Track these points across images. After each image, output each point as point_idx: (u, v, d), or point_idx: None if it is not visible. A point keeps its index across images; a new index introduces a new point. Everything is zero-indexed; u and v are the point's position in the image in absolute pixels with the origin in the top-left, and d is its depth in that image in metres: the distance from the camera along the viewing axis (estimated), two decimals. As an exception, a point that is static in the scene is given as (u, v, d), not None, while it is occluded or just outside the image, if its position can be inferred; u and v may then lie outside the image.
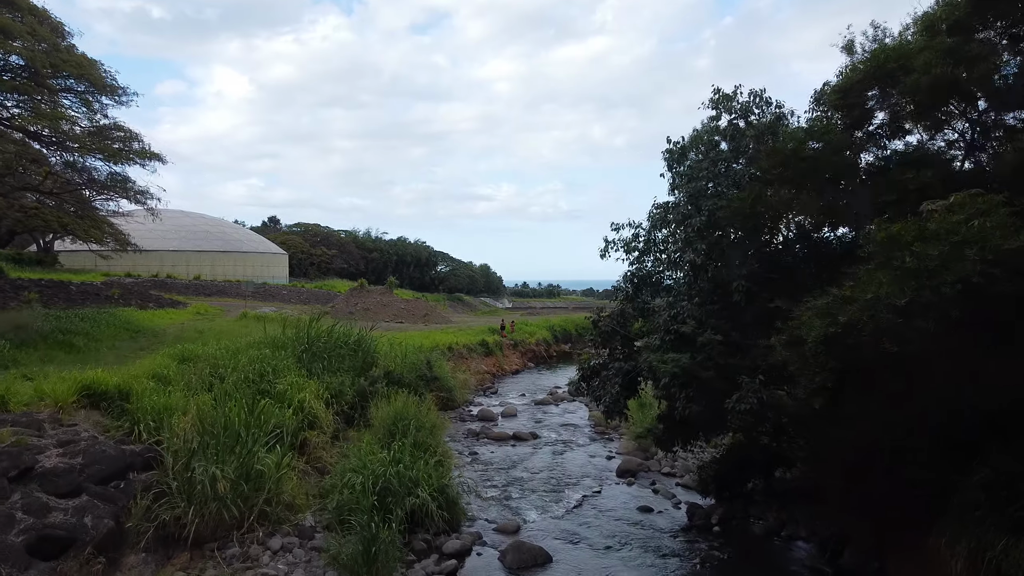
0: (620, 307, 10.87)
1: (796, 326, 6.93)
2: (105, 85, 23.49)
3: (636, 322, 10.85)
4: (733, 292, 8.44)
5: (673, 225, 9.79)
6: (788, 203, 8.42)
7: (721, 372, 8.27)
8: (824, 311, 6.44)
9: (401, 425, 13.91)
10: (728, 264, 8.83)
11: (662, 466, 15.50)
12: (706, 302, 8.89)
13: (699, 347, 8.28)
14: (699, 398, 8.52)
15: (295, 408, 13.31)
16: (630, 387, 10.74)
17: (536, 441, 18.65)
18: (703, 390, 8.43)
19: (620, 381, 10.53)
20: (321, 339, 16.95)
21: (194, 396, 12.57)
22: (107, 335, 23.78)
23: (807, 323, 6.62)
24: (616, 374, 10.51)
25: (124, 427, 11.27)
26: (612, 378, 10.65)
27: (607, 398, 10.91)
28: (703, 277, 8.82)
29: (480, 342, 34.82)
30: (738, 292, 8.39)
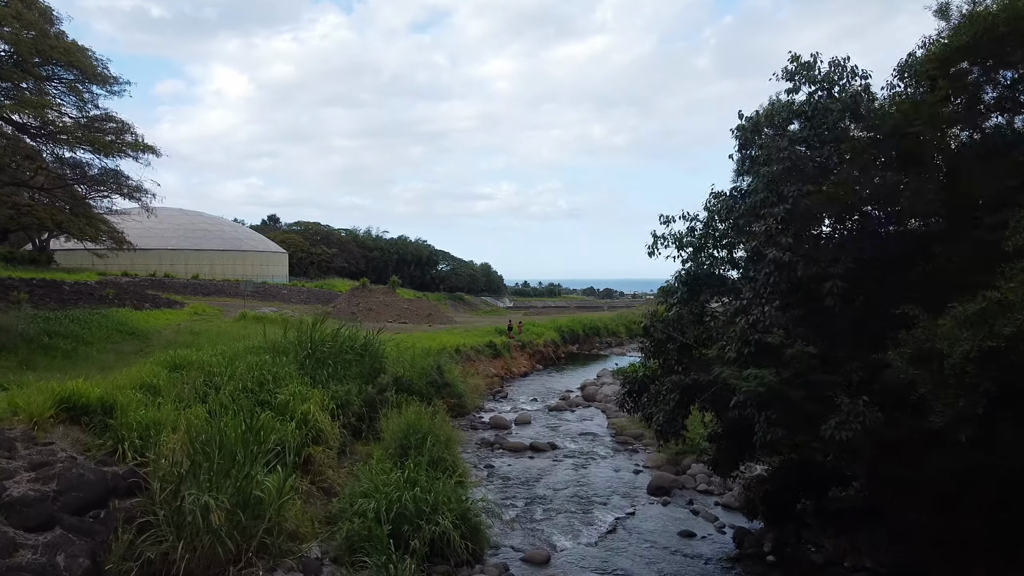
0: (676, 312, 9.55)
1: (926, 337, 5.73)
2: (96, 73, 22.24)
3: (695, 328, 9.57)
4: (826, 295, 7.20)
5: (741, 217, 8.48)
6: (894, 189, 7.20)
7: (813, 391, 7.06)
8: (977, 319, 5.21)
9: (414, 439, 12.68)
10: (818, 261, 7.58)
11: (697, 483, 14.27)
12: (789, 306, 7.65)
13: (786, 361, 7.06)
14: (783, 421, 7.28)
15: (298, 421, 12.07)
16: (689, 404, 9.42)
17: (555, 452, 17.42)
18: (789, 412, 7.20)
19: (677, 397, 9.26)
20: (325, 343, 15.70)
21: (186, 409, 11.34)
22: (98, 337, 22.53)
23: (948, 335, 5.41)
24: (672, 389, 9.22)
25: (106, 445, 10.02)
26: (667, 393, 9.37)
27: (660, 416, 9.62)
28: (784, 277, 7.58)
29: (487, 343, 33.60)
30: (832, 295, 7.16)
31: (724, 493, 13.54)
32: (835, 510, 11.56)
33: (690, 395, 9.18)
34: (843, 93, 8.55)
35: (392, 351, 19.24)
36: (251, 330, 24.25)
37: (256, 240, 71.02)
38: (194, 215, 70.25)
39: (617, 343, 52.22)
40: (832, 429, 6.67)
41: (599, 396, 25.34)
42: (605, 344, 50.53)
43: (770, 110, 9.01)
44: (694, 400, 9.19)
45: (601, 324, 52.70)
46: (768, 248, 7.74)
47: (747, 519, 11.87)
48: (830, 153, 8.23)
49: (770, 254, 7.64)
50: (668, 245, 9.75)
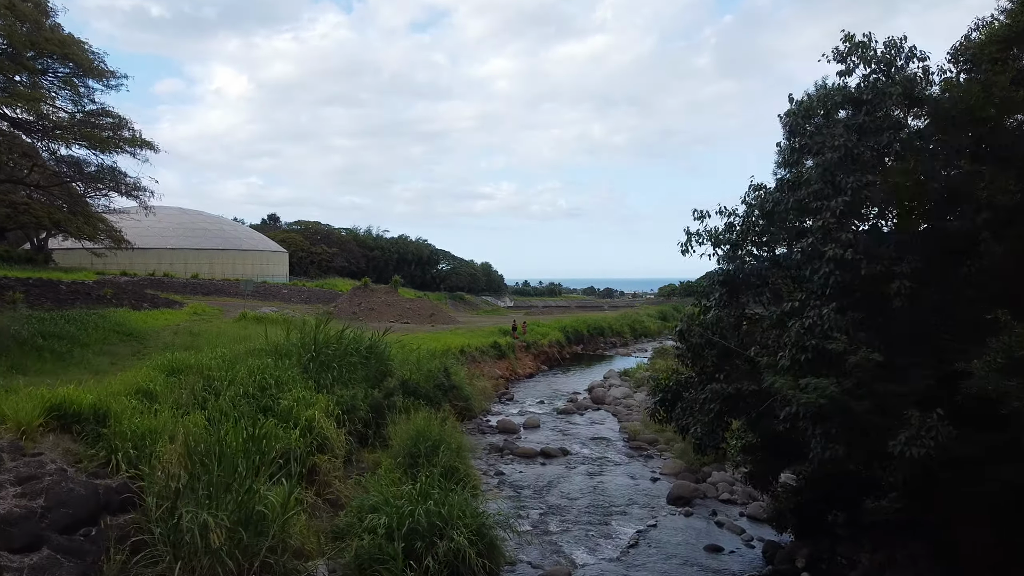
0: (714, 315, 8.87)
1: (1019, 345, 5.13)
2: (92, 67, 21.59)
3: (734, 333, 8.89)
4: (893, 296, 6.56)
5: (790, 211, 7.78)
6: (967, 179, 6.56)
7: (878, 403, 6.43)
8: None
9: (424, 447, 12.07)
10: (880, 259, 6.93)
11: (719, 492, 13.65)
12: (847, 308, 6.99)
13: (848, 370, 6.43)
14: (843, 436, 6.64)
15: (302, 428, 11.45)
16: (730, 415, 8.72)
17: (567, 458, 16.80)
18: (849, 426, 6.56)
19: (717, 408, 8.59)
20: (330, 346, 15.07)
21: (184, 416, 10.72)
22: (94, 339, 21.92)
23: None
24: (712, 399, 8.54)
25: (99, 456, 9.42)
26: (706, 403, 8.68)
27: (698, 428, 8.95)
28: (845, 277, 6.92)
29: (492, 344, 32.98)
30: (899, 296, 6.53)
31: (748, 503, 12.92)
32: (869, 522, 10.92)
33: (731, 405, 8.50)
34: (898, 76, 7.90)
35: (397, 353, 18.64)
36: (251, 331, 23.66)
37: (256, 239, 70.43)
38: (194, 214, 69.66)
39: (622, 343, 51.63)
40: (902, 446, 6.05)
41: (608, 399, 24.73)
42: (610, 344, 49.92)
43: (821, 94, 8.35)
44: (736, 411, 8.52)
45: (605, 324, 52.08)
46: (826, 245, 7.09)
47: (776, 532, 11.25)
48: (890, 140, 7.60)
49: (829, 251, 7.00)
50: (703, 242, 9.12)
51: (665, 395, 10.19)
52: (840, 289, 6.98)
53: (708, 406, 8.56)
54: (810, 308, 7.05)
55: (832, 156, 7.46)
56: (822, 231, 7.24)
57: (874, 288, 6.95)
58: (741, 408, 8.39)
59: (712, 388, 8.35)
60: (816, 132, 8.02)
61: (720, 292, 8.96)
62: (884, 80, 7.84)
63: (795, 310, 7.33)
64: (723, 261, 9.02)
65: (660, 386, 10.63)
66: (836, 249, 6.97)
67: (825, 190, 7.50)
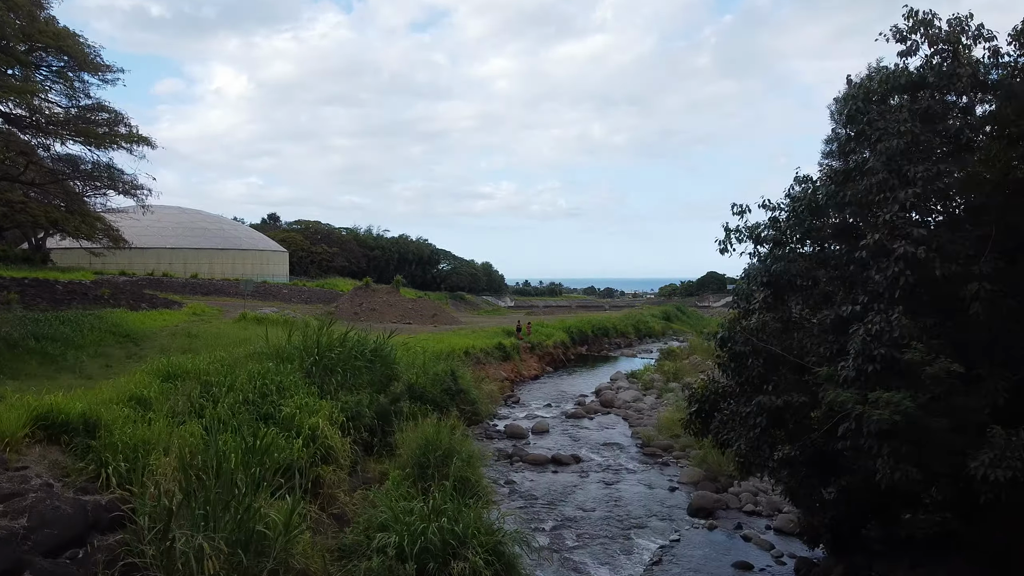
0: (759, 319, 8.21)
1: None
2: (87, 61, 20.99)
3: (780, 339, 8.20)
4: (970, 300, 5.92)
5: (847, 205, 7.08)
6: None
7: (956, 419, 5.80)
8: None
9: (434, 456, 11.45)
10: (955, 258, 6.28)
11: (742, 502, 13.01)
12: (917, 313, 6.32)
13: (923, 382, 5.77)
14: (916, 456, 5.98)
15: (305, 438, 10.83)
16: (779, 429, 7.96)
17: (579, 466, 16.17)
18: (924, 445, 5.91)
19: (764, 422, 7.90)
20: (334, 349, 14.42)
21: (179, 426, 10.09)
22: (90, 341, 21.28)
23: None
24: (758, 412, 7.84)
25: (88, 470, 8.79)
26: (750, 417, 7.99)
27: (742, 444, 8.23)
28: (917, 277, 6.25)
29: (496, 345, 32.34)
30: (978, 299, 5.89)
31: (775, 515, 12.29)
32: (906, 536, 10.29)
33: (779, 420, 7.81)
34: (965, 57, 7.25)
35: (403, 356, 18.02)
36: (251, 332, 23.05)
37: (256, 239, 69.84)
38: (193, 213, 69.06)
39: (626, 344, 51.01)
40: (985, 468, 5.44)
41: (618, 402, 24.10)
42: (614, 345, 49.28)
43: (883, 76, 7.68)
44: (784, 425, 7.82)
45: (610, 324, 51.43)
46: (895, 241, 6.44)
47: (807, 547, 10.61)
48: (960, 127, 6.96)
49: (899, 249, 6.34)
50: (743, 239, 8.47)
51: (702, 405, 9.47)
52: (910, 291, 6.32)
53: (753, 420, 7.86)
54: (875, 312, 6.40)
55: (898, 143, 6.80)
56: (888, 226, 6.58)
57: (948, 290, 6.30)
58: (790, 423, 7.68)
59: (759, 401, 7.63)
60: (878, 117, 7.34)
61: (764, 294, 8.27)
62: (950, 62, 7.19)
63: (855, 314, 6.68)
64: (766, 260, 8.35)
65: (696, 396, 9.92)
66: (907, 246, 6.31)
67: (890, 180, 6.82)
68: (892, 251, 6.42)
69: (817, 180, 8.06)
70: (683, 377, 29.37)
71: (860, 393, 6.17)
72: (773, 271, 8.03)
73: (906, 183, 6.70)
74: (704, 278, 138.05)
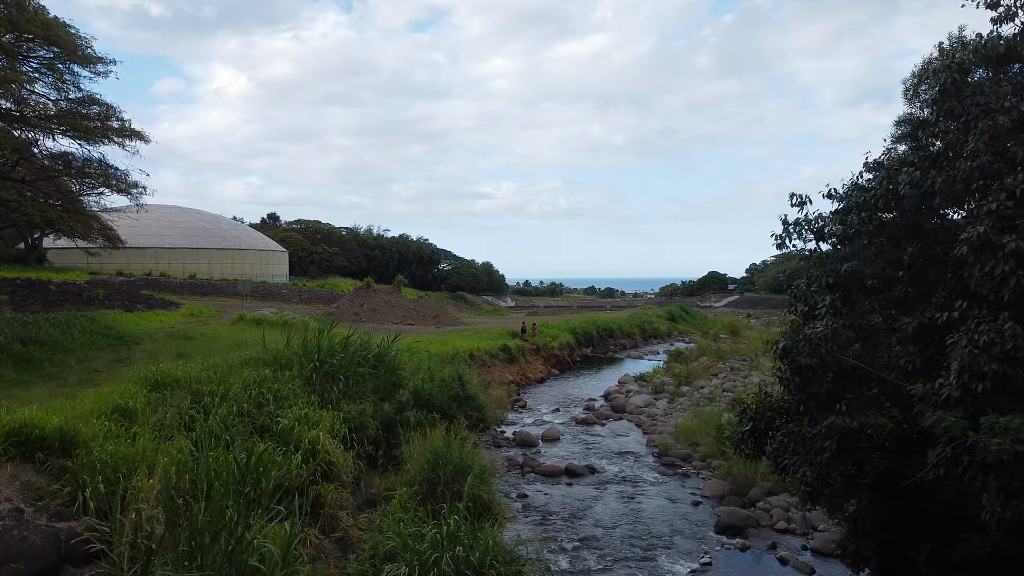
0: (828, 327, 7.42)
1: None
2: (78, 52, 20.11)
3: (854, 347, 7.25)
4: None
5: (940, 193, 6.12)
6: None
7: None
8: None
9: (443, 472, 10.58)
10: None
11: (774, 519, 12.13)
12: None
13: None
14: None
15: (304, 452, 9.95)
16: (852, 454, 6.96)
17: (595, 477, 15.29)
18: None
19: (835, 446, 6.93)
20: (335, 354, 13.53)
21: (166, 441, 9.22)
22: (80, 344, 20.40)
23: None
24: (827, 435, 6.88)
25: (63, 492, 7.93)
26: (816, 440, 7.01)
27: (807, 471, 7.22)
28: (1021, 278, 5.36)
29: (501, 347, 31.45)
30: None
31: (811, 533, 11.42)
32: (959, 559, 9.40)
33: (853, 443, 6.84)
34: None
35: (407, 360, 17.14)
36: (250, 334, 22.21)
37: (255, 238, 68.98)
38: (192, 213, 68.22)
39: (632, 345, 50.11)
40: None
41: (629, 407, 23.21)
42: (619, 346, 48.37)
43: (978, 44, 6.75)
44: (857, 449, 6.86)
45: (615, 325, 50.48)
46: (1003, 236, 5.51)
47: (851, 570, 9.72)
48: None
49: (1009, 244, 5.43)
50: (804, 234, 7.57)
51: (756, 424, 8.49)
52: (1021, 294, 5.41)
53: (821, 443, 6.90)
54: (979, 320, 5.50)
55: (1004, 121, 5.90)
56: (994, 217, 5.66)
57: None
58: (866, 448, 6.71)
59: (830, 422, 6.65)
60: (977, 91, 6.45)
61: (831, 298, 7.32)
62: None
63: (951, 322, 5.78)
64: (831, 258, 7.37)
65: (747, 413, 8.93)
66: (1019, 241, 5.39)
67: (995, 164, 5.93)
68: (1000, 246, 5.52)
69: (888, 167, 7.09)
70: (695, 380, 28.51)
71: (967, 417, 5.28)
72: (844, 271, 7.08)
73: (1014, 167, 5.79)
74: (705, 278, 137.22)
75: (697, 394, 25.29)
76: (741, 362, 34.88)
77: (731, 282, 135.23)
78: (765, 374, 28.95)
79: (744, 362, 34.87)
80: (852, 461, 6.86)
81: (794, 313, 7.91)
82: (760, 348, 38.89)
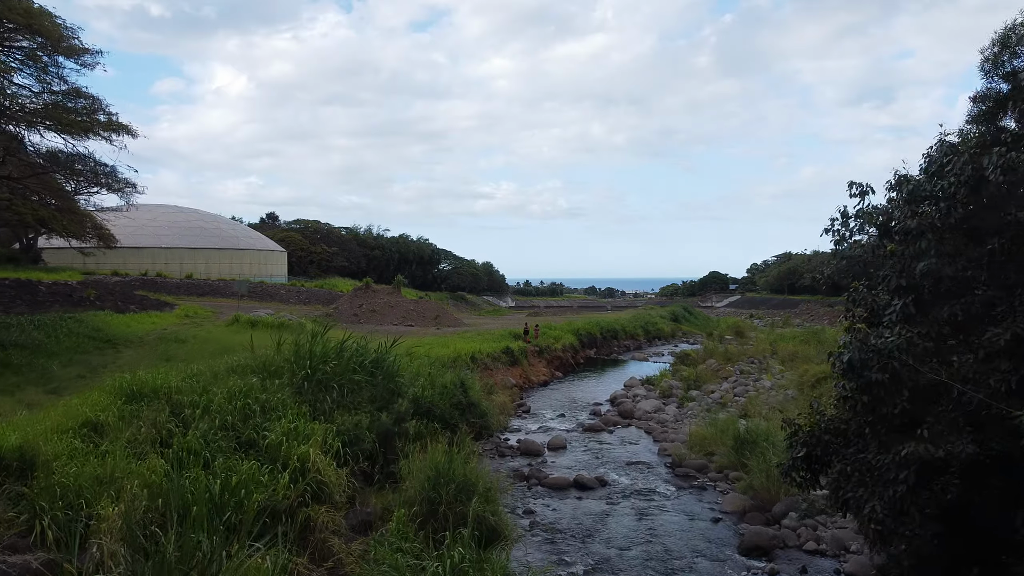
0: (900, 337, 5.94)
1: None
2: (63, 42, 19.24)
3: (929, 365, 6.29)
4: None
5: None
6: None
7: None
8: None
9: (445, 491, 9.70)
10: None
11: (801, 539, 11.24)
12: None
13: None
14: None
15: (293, 471, 9.08)
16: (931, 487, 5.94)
17: (605, 491, 14.40)
18: None
19: (913, 479, 5.97)
20: (329, 361, 12.65)
21: (140, 460, 8.35)
22: (64, 347, 19.55)
23: None
24: (903, 465, 5.90)
25: (20, 521, 7.07)
26: (889, 471, 6.02)
27: (876, 506, 6.17)
28: None
29: (504, 349, 30.56)
30: None
31: (843, 555, 10.53)
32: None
33: (933, 474, 5.88)
34: None
35: (407, 365, 16.28)
36: (244, 336, 21.41)
37: (254, 238, 68.19)
38: (190, 212, 67.46)
39: (635, 346, 49.22)
40: None
41: (638, 413, 22.32)
42: (623, 348, 47.47)
43: None
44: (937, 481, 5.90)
45: (619, 326, 49.56)
46: None
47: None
48: None
49: None
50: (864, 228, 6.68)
51: (811, 450, 7.47)
52: None
53: (895, 474, 5.94)
54: None
55: None
56: None
57: None
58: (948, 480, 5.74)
59: (910, 452, 5.67)
60: None
61: (902, 302, 6.37)
62: None
63: None
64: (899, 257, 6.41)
65: (800, 436, 7.68)
66: None
67: None
68: None
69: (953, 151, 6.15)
70: (704, 384, 27.62)
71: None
72: (920, 271, 6.10)
73: None
74: (706, 278, 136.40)
75: (707, 399, 24.40)
76: (750, 364, 33.95)
77: (732, 282, 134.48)
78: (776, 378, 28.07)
79: (753, 364, 33.94)
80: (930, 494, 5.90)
81: (849, 319, 6.96)
82: (768, 350, 38.04)
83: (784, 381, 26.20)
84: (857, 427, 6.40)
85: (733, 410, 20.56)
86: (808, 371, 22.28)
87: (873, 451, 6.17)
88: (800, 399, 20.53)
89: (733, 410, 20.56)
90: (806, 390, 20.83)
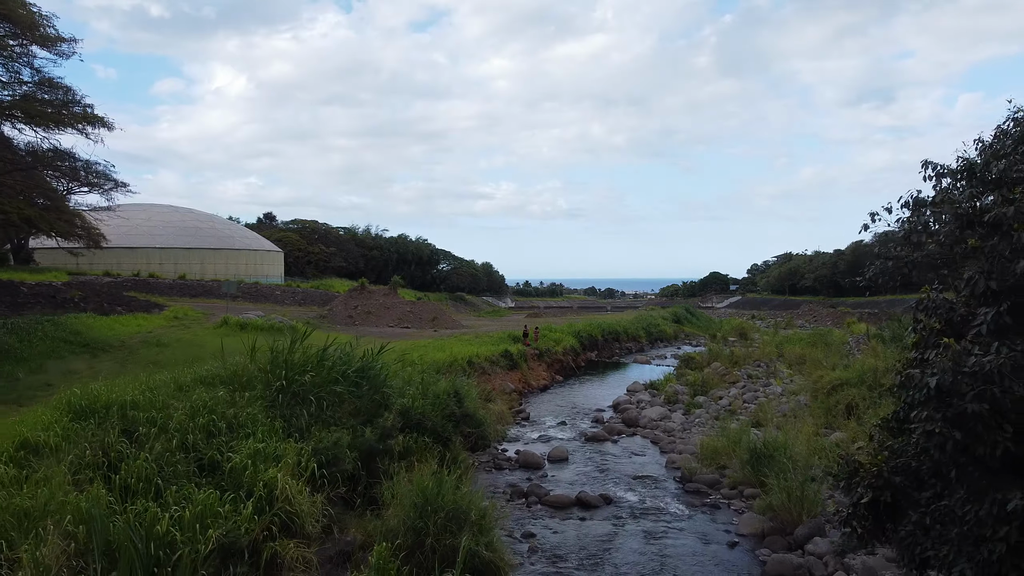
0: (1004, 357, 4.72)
1: None
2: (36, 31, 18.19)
3: None
4: None
5: None
6: None
7: None
8: None
9: (433, 521, 8.62)
10: None
11: (829, 568, 10.16)
12: None
13: None
14: None
15: (258, 499, 7.99)
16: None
17: (611, 509, 13.32)
18: None
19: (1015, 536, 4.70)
20: (307, 370, 11.55)
21: (78, 490, 7.27)
22: (38, 352, 18.49)
23: None
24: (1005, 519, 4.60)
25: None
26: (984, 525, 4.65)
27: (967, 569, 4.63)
28: None
29: (502, 353, 29.48)
30: None
31: (878, 589, 9.46)
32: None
33: None
34: None
35: (397, 373, 15.18)
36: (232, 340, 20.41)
37: (250, 238, 67.09)
38: (185, 212, 66.37)
39: (637, 348, 48.12)
40: None
41: (643, 420, 21.23)
42: (625, 350, 46.40)
43: None
44: None
45: (620, 328, 48.51)
46: None
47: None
48: None
49: None
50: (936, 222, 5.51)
51: (877, 494, 5.83)
52: None
53: (993, 531, 4.74)
54: None
55: None
56: None
57: None
58: None
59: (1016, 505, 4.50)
60: None
61: (994, 312, 5.26)
62: None
63: None
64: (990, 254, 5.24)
65: (862, 475, 6.09)
66: None
67: None
68: None
69: None
70: (711, 389, 26.51)
71: None
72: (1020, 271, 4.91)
73: None
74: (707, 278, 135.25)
75: (715, 405, 23.32)
76: (757, 368, 32.88)
77: (733, 283, 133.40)
78: (785, 383, 26.99)
79: (760, 368, 32.86)
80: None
81: (919, 332, 5.74)
82: (774, 353, 36.95)
83: (794, 386, 25.15)
84: (932, 466, 5.20)
85: (744, 418, 19.48)
86: (823, 377, 21.16)
87: (959, 499, 4.97)
88: (815, 407, 19.47)
89: (744, 418, 19.48)
90: (821, 397, 19.76)
